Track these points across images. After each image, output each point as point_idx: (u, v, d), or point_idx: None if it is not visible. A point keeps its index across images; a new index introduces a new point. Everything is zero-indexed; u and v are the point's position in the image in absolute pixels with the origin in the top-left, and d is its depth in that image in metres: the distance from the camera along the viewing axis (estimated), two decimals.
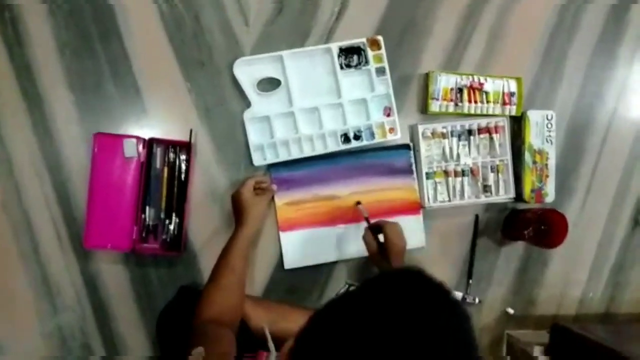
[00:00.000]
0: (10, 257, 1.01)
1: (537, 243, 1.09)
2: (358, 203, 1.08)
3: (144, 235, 1.00)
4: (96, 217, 0.98)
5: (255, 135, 1.04)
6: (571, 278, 1.22)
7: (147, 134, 1.01)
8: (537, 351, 1.09)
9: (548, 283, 1.20)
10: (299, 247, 1.08)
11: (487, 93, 1.10)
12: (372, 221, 1.02)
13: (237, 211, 0.97)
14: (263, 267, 1.08)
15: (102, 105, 1.02)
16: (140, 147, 0.99)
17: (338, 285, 1.11)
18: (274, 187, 1.04)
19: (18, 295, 1.02)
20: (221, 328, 0.81)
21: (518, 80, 1.11)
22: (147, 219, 1.01)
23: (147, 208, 1.00)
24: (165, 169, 1.02)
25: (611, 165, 1.21)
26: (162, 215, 1.01)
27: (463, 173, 1.11)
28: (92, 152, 0.97)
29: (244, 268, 0.93)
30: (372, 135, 1.06)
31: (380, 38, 1.05)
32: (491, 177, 1.12)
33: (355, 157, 1.09)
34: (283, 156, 1.04)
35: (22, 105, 0.99)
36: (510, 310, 1.19)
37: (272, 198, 1.05)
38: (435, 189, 1.11)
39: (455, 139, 1.11)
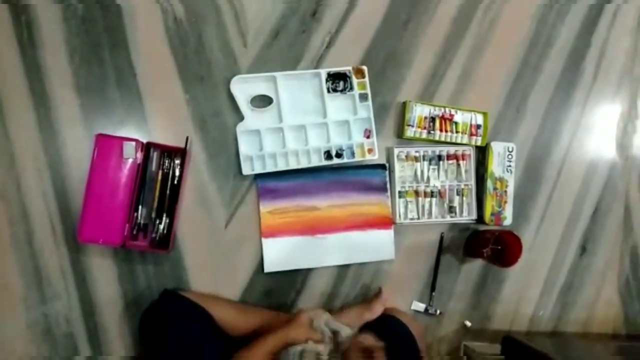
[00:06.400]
0: (4, 245, 1.06)
1: (494, 262, 1.18)
2: None
3: (134, 232, 1.07)
4: (91, 213, 1.04)
5: (245, 147, 1.13)
6: (524, 296, 1.32)
7: (145, 138, 1.09)
8: None
9: (503, 300, 1.30)
10: (279, 253, 1.16)
11: (456, 124, 1.22)
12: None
13: (289, 321, 0.98)
14: (244, 269, 1.16)
15: (105, 109, 1.09)
16: (139, 150, 1.07)
17: (313, 290, 1.19)
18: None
19: (7, 283, 1.07)
20: None
21: (484, 114, 1.24)
22: (139, 218, 1.07)
23: (140, 207, 1.07)
24: (160, 172, 1.09)
25: (564, 196, 1.33)
26: (154, 215, 1.08)
27: (432, 194, 1.22)
28: (92, 152, 1.04)
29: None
30: (353, 154, 1.17)
31: (364, 67, 1.16)
32: (456, 199, 1.23)
33: (335, 172, 1.19)
34: (270, 168, 1.13)
35: (29, 102, 1.07)
36: (468, 323, 1.28)
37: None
38: (406, 207, 1.21)
39: (426, 163, 1.22)
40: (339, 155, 1.16)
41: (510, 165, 1.24)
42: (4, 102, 1.06)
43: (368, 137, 1.17)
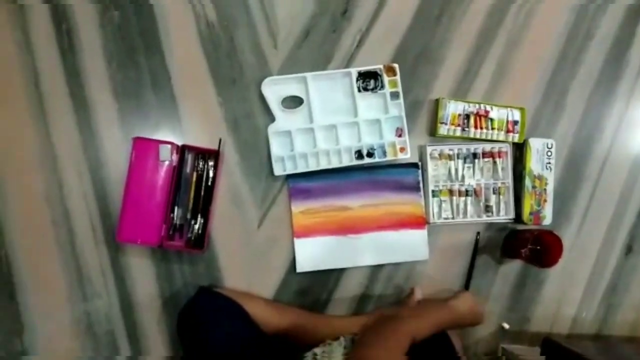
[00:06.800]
0: (48, 245, 1.11)
1: (533, 262, 1.15)
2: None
3: (171, 233, 1.09)
4: (129, 214, 1.07)
5: (277, 148, 1.13)
6: (566, 298, 1.27)
7: (180, 140, 1.11)
8: None
9: (543, 301, 1.26)
10: (311, 253, 1.16)
11: (492, 120, 1.19)
12: None
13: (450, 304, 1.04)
14: (277, 269, 1.17)
15: (141, 112, 1.12)
16: (174, 152, 1.09)
17: (346, 290, 1.19)
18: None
19: (52, 281, 1.11)
20: None
21: (521, 110, 1.20)
22: (175, 218, 1.10)
23: (176, 208, 1.10)
24: (195, 174, 1.11)
25: (608, 193, 1.27)
26: (189, 216, 1.10)
27: (467, 193, 1.20)
28: (130, 155, 1.07)
29: None
30: (384, 153, 1.15)
31: (395, 65, 1.14)
32: (493, 198, 1.20)
33: (367, 172, 1.18)
34: (301, 168, 1.14)
35: (70, 107, 1.10)
36: (506, 325, 1.25)
37: None
38: (440, 207, 1.19)
39: (460, 161, 1.19)
40: (370, 155, 1.15)
41: (549, 162, 1.20)
42: (47, 108, 1.10)
43: (400, 135, 1.16)
